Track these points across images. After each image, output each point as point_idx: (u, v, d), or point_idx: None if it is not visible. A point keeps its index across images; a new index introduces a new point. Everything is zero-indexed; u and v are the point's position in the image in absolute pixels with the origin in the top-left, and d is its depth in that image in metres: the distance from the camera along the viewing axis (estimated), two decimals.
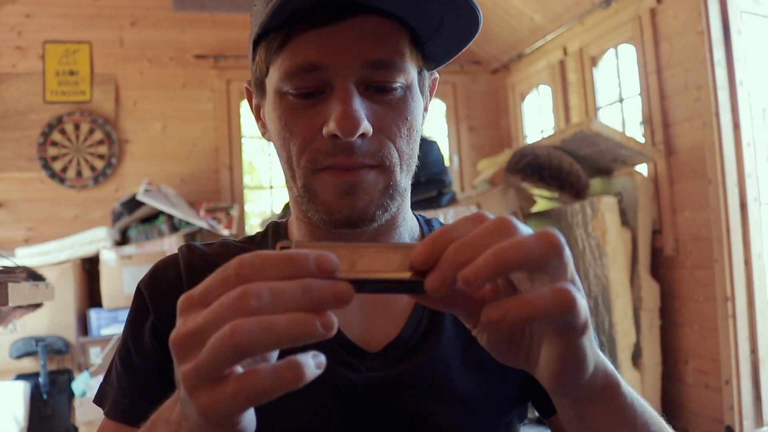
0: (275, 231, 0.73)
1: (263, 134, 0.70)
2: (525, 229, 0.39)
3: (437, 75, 0.71)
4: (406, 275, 0.39)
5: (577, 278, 0.40)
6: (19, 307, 2.58)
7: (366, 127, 0.57)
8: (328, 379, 0.61)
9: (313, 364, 0.36)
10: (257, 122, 0.71)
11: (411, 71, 0.61)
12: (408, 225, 0.70)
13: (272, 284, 0.35)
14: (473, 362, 0.66)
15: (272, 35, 0.60)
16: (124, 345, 0.66)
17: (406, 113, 0.61)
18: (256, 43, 0.63)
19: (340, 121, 0.56)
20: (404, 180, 0.63)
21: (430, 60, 0.65)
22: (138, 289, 0.67)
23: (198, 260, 0.68)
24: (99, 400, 0.66)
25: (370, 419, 0.62)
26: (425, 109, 0.68)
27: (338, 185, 0.59)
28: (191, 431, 0.40)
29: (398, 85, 0.60)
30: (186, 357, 0.37)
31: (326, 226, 0.61)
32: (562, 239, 0.38)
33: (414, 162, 0.65)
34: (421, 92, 0.65)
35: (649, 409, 0.52)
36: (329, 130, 0.57)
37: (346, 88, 0.57)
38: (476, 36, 0.61)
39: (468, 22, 0.59)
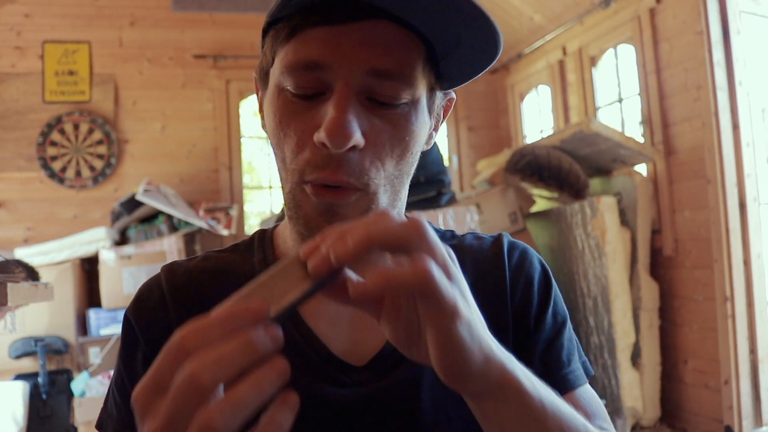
0: (261, 240, 0.72)
1: (262, 126, 0.67)
2: (399, 218, 0.42)
3: (454, 95, 0.67)
4: (307, 284, 0.42)
5: (454, 272, 0.44)
6: None
7: (357, 140, 0.54)
8: (314, 394, 0.62)
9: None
10: (260, 113, 0.68)
11: (420, 88, 0.58)
12: None
13: (215, 355, 0.36)
14: None
15: (281, 25, 0.57)
16: (119, 376, 0.66)
17: (405, 133, 0.58)
18: (266, 33, 0.61)
19: (330, 131, 0.53)
20: (387, 199, 0.60)
21: (444, 80, 0.61)
22: (125, 318, 0.67)
23: (180, 279, 0.68)
24: (99, 427, 0.67)
25: None
26: (435, 129, 0.65)
27: (318, 204, 0.57)
28: None
29: (403, 101, 0.57)
30: None
31: (305, 240, 0.60)
32: (426, 225, 0.43)
33: (403, 180, 0.62)
34: (429, 112, 0.61)
35: (567, 415, 0.50)
36: (319, 137, 0.54)
37: (345, 94, 0.54)
38: (495, 61, 0.58)
39: (487, 45, 0.55)
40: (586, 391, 0.68)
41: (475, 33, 0.54)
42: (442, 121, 0.67)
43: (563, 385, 0.65)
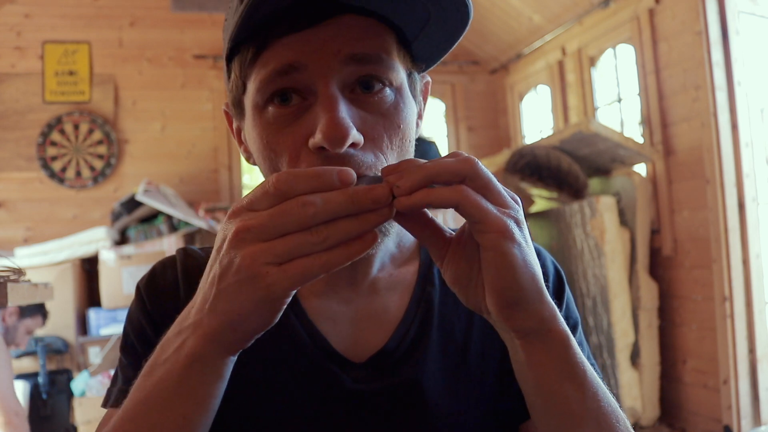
0: None
1: (247, 159, 0.64)
2: (455, 158, 0.47)
3: (429, 78, 0.66)
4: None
5: (509, 202, 0.47)
6: (23, 318, 2.58)
7: (355, 136, 0.51)
8: (312, 388, 0.62)
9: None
10: (240, 147, 0.65)
11: (400, 72, 0.57)
12: (395, 231, 0.66)
13: (323, 195, 0.43)
14: (459, 378, 0.64)
15: (244, 47, 0.55)
16: (126, 338, 0.66)
17: (398, 121, 0.56)
18: (230, 60, 0.58)
19: (326, 131, 0.50)
20: None
21: (419, 61, 0.61)
22: (137, 289, 0.69)
23: (194, 263, 0.68)
24: (105, 401, 0.66)
25: (352, 431, 0.62)
26: (419, 116, 0.64)
27: None
28: (214, 327, 0.46)
29: (387, 81, 0.55)
30: (248, 243, 0.43)
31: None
32: (477, 161, 0.47)
33: None
34: (413, 96, 0.60)
35: (605, 392, 0.52)
36: (315, 142, 0.52)
37: (330, 93, 0.52)
38: (466, 30, 0.56)
39: (457, 14, 0.54)
40: None
41: (444, 6, 0.53)
42: (424, 107, 0.66)
43: None
